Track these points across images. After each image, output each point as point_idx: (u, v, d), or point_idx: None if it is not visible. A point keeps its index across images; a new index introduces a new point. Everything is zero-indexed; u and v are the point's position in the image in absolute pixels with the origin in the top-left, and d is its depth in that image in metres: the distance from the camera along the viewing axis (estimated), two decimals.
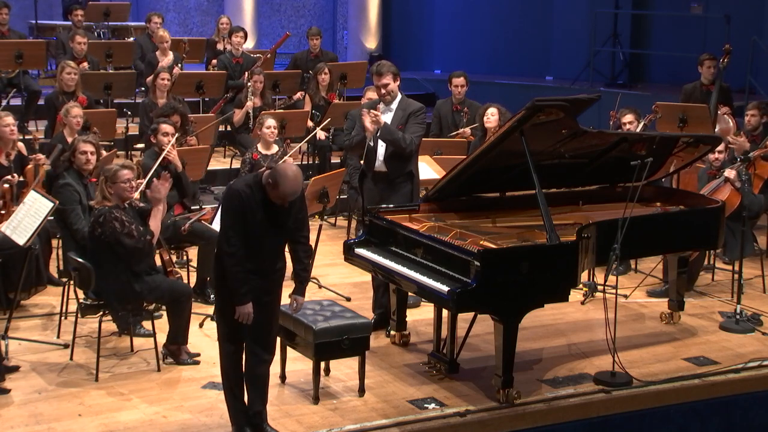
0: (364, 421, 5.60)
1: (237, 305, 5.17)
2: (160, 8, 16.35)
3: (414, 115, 6.80)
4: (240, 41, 11.73)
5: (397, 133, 6.71)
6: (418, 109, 6.84)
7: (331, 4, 18.42)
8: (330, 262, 8.53)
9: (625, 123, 8.73)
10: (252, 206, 5.12)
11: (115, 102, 11.02)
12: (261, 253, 5.20)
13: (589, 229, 6.08)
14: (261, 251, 5.20)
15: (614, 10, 15.47)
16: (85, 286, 6.32)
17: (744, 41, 12.75)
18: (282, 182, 5.05)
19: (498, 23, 16.86)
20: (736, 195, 7.91)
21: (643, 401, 6.14)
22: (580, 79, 14.92)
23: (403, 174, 6.83)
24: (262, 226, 5.16)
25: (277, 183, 5.05)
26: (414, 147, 6.79)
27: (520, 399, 5.84)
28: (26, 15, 13.81)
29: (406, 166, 6.84)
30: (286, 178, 5.05)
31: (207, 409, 5.68)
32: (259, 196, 5.13)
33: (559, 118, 6.10)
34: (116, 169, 6.22)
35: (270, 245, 5.26)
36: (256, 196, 5.12)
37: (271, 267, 5.28)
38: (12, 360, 6.30)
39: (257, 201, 5.12)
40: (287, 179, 5.05)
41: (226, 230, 5.16)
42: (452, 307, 5.73)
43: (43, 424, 5.49)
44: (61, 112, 8.57)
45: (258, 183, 5.15)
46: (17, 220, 6.55)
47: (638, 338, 7.04)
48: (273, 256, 5.29)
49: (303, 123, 10.58)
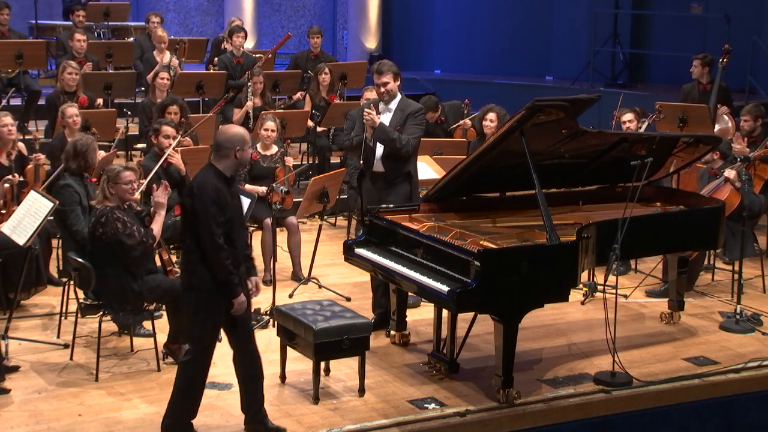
0: (364, 421, 5.60)
1: (233, 298, 5.16)
2: (160, 8, 16.34)
3: (413, 115, 6.79)
4: (241, 41, 11.73)
5: (392, 134, 6.70)
6: (416, 110, 6.83)
7: (331, 4, 18.41)
8: (330, 262, 8.53)
9: (624, 122, 8.73)
10: (227, 199, 5.16)
11: (115, 102, 11.01)
12: (238, 245, 5.23)
13: (589, 229, 6.08)
14: (238, 243, 5.24)
15: (614, 10, 15.48)
16: (85, 286, 6.32)
17: (744, 41, 12.76)
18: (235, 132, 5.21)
19: (498, 23, 16.85)
20: (736, 195, 7.91)
21: (643, 401, 6.14)
22: (580, 79, 14.92)
23: (402, 174, 6.82)
24: (237, 218, 5.23)
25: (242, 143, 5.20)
26: (411, 148, 6.76)
27: (520, 399, 5.84)
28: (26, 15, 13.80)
29: (404, 167, 6.82)
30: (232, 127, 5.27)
31: (207, 409, 5.67)
32: (228, 189, 5.17)
33: (559, 118, 6.10)
34: (119, 170, 6.26)
35: (243, 236, 5.41)
36: (225, 189, 5.16)
37: (242, 258, 5.33)
38: (12, 360, 6.30)
39: (229, 193, 5.17)
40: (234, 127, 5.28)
41: (213, 227, 5.08)
42: (452, 307, 5.73)
43: (43, 424, 5.49)
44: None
45: (221, 176, 5.16)
46: (17, 220, 6.55)
47: (638, 338, 7.04)
48: (244, 248, 5.39)
49: (303, 123, 10.58)
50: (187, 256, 5.24)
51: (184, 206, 5.24)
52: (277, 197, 7.46)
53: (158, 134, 7.89)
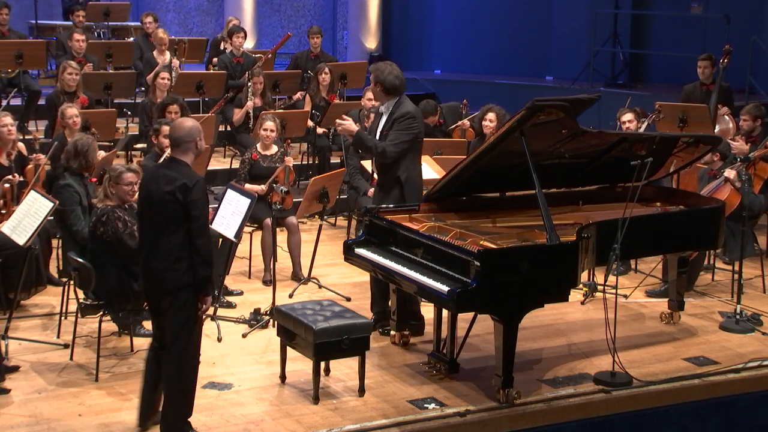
0: (364, 421, 5.60)
1: (207, 295, 5.21)
2: (160, 8, 16.35)
3: (397, 121, 6.57)
4: (240, 41, 11.74)
5: (368, 141, 6.61)
6: (401, 115, 6.58)
7: (331, 4, 18.41)
8: (330, 262, 8.53)
9: (624, 122, 8.73)
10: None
11: (115, 102, 11.02)
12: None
13: (589, 229, 6.08)
14: None
15: (614, 10, 15.47)
16: (85, 286, 6.33)
17: (744, 41, 12.76)
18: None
19: (498, 23, 16.85)
20: (736, 195, 7.91)
21: (643, 401, 6.14)
22: (580, 79, 14.93)
23: (392, 180, 6.67)
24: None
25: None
26: (391, 154, 6.54)
27: (520, 399, 5.84)
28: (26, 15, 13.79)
29: (393, 172, 6.66)
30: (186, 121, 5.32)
31: (207, 409, 5.68)
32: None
33: (559, 118, 6.10)
34: (121, 171, 6.29)
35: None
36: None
37: None
38: (12, 360, 6.30)
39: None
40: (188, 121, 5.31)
41: (206, 220, 5.19)
42: (452, 307, 5.73)
43: (43, 424, 5.49)
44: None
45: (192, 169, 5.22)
46: (17, 220, 6.55)
47: (638, 338, 7.04)
48: None
49: (303, 123, 10.59)
50: (175, 254, 5.11)
51: (165, 202, 5.11)
52: (277, 197, 7.46)
53: (158, 134, 7.88)
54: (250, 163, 8.32)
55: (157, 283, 5.18)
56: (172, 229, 5.10)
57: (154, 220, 5.15)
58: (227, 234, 7.01)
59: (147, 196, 5.21)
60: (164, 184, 5.11)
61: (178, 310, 5.16)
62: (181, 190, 5.07)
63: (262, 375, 6.20)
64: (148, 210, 5.19)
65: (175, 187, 5.07)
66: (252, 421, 5.57)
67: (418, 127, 6.64)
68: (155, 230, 5.15)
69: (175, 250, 5.10)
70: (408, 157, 6.65)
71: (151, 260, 5.17)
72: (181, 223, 5.10)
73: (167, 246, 5.11)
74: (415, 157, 6.75)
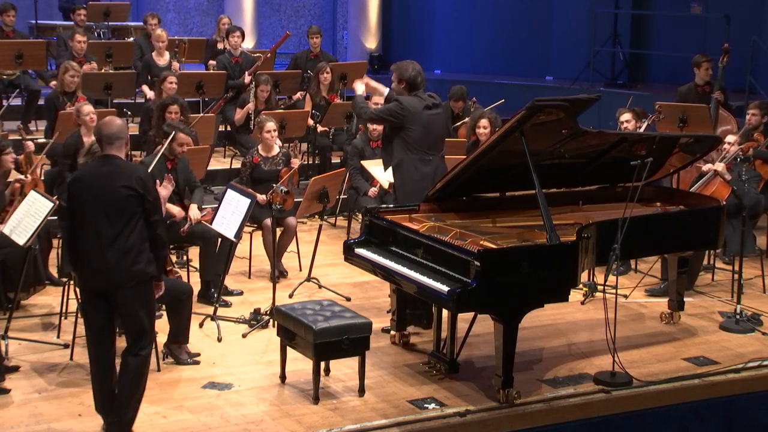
0: (364, 421, 5.60)
1: (161, 280, 5.40)
2: (160, 8, 16.34)
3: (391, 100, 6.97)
4: (237, 41, 11.71)
5: (358, 101, 7.13)
6: (395, 99, 6.88)
7: (331, 4, 18.42)
8: (330, 262, 8.53)
9: (623, 122, 8.73)
10: None
11: (115, 102, 11.01)
12: None
13: (589, 229, 6.08)
14: None
15: (614, 10, 15.48)
16: None
17: (744, 41, 12.76)
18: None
19: (498, 23, 16.86)
20: (725, 187, 7.94)
21: (643, 401, 6.14)
22: (580, 79, 14.93)
23: (389, 165, 7.00)
24: None
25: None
26: (364, 116, 7.09)
27: (520, 399, 5.84)
28: (26, 15, 13.79)
29: (388, 160, 6.99)
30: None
31: (207, 409, 5.68)
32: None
33: (559, 118, 6.10)
34: None
35: None
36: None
37: None
38: (12, 360, 6.30)
39: None
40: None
41: (160, 205, 5.41)
42: (452, 307, 5.73)
43: (43, 424, 5.49)
44: (72, 115, 8.45)
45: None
46: (17, 220, 6.55)
47: (638, 338, 7.04)
48: None
49: (303, 123, 10.59)
50: (137, 247, 5.18)
51: (124, 197, 5.15)
52: (278, 197, 7.46)
53: (174, 140, 7.63)
54: (252, 167, 8.30)
55: (119, 277, 5.18)
56: (133, 223, 5.18)
57: (112, 216, 5.15)
58: (227, 234, 7.01)
59: (96, 196, 5.17)
60: (117, 179, 5.17)
61: (144, 301, 5.27)
62: (138, 182, 5.18)
63: (262, 375, 6.20)
64: (102, 208, 5.16)
65: (131, 180, 5.16)
66: (252, 421, 5.57)
67: (401, 116, 6.78)
68: (113, 227, 5.16)
69: (137, 243, 5.19)
70: (396, 146, 6.85)
71: (110, 256, 5.16)
72: (140, 216, 5.19)
73: (129, 240, 5.18)
74: (405, 148, 6.83)
